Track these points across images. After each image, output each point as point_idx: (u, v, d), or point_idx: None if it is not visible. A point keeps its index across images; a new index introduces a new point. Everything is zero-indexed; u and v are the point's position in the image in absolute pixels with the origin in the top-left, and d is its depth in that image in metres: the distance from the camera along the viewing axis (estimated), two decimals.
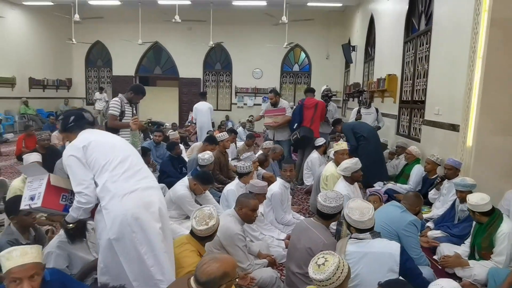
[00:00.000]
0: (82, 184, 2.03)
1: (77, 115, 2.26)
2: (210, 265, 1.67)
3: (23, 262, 1.67)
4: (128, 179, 2.11)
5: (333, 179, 4.23)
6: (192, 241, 2.34)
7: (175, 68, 14.47)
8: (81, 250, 2.51)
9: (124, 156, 2.17)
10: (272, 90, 6.38)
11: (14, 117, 11.62)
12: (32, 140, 7.11)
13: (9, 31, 11.62)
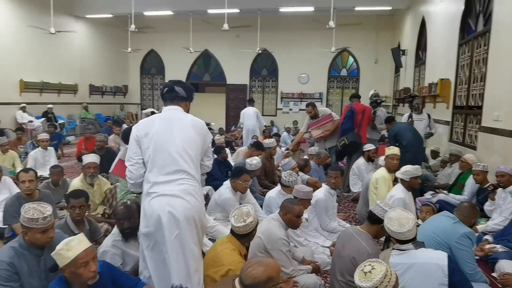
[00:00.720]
0: (130, 161, 2.25)
1: (169, 88, 2.37)
2: (255, 268, 1.70)
3: (84, 247, 1.87)
4: (165, 183, 2.17)
5: (384, 182, 4.11)
6: (232, 239, 2.41)
7: (223, 74, 14.85)
8: (133, 248, 2.64)
9: (170, 160, 2.20)
10: (309, 104, 6.33)
11: (75, 121, 12.59)
12: (91, 143, 7.64)
13: (73, 43, 12.62)
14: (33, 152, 5.84)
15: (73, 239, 1.89)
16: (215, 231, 3.50)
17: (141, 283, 2.23)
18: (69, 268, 1.84)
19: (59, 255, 1.85)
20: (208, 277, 2.34)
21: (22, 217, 2.15)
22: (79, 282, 1.91)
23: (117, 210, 2.66)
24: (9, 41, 10.31)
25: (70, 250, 1.84)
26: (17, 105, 10.58)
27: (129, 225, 2.59)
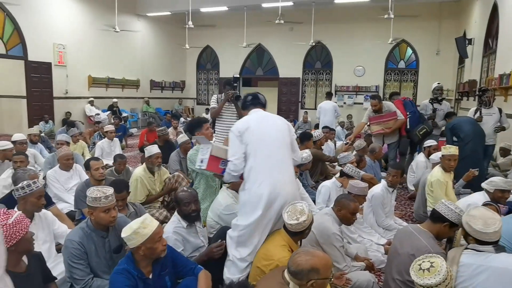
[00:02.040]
0: (234, 155, 2.48)
1: (253, 96, 2.79)
2: (301, 256, 1.70)
3: (156, 223, 2.06)
4: (267, 170, 2.43)
5: (439, 186, 3.87)
6: (284, 235, 2.36)
7: (276, 68, 14.85)
8: (191, 235, 2.76)
9: (269, 151, 2.48)
10: (375, 96, 5.95)
11: (137, 115, 13.40)
12: (153, 135, 8.07)
13: (135, 40, 13.37)
14: (100, 142, 6.32)
15: (146, 218, 2.06)
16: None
17: (198, 267, 2.32)
18: (145, 244, 2.00)
19: (137, 233, 1.98)
20: (258, 269, 2.36)
21: (88, 198, 2.37)
22: (153, 256, 2.08)
23: (182, 194, 2.75)
24: (80, 40, 11.21)
25: (147, 227, 2.00)
26: (86, 99, 11.50)
27: (196, 207, 2.72)
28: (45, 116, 10.00)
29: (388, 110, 5.76)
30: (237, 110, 4.66)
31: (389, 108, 5.78)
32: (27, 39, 9.77)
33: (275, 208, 2.42)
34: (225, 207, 3.09)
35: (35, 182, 2.79)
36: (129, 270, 2.04)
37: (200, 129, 3.40)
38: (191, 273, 2.28)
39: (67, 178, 4.30)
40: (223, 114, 4.59)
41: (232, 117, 4.65)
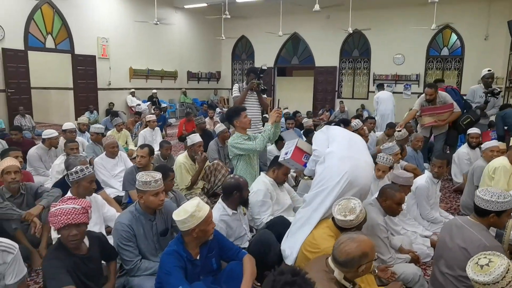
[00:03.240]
0: (316, 150, 2.68)
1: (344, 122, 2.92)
2: (348, 244, 1.68)
3: (208, 206, 2.17)
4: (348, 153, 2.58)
5: (505, 173, 3.66)
6: (332, 226, 2.35)
7: (312, 57, 14.62)
8: (235, 222, 2.84)
9: (349, 144, 2.64)
10: (432, 85, 5.51)
11: (175, 105, 13.74)
12: (191, 125, 8.26)
13: (173, 32, 13.63)
14: (143, 131, 6.56)
15: (199, 201, 2.13)
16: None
17: (242, 252, 2.39)
18: (199, 227, 2.08)
19: (192, 216, 2.05)
20: (303, 255, 2.38)
21: (138, 182, 2.46)
22: (203, 239, 2.17)
23: (234, 182, 2.82)
24: (121, 33, 11.59)
25: (201, 210, 2.09)
26: (127, 90, 11.92)
27: (248, 193, 2.84)
28: (90, 106, 10.51)
29: (443, 102, 5.39)
30: (260, 100, 4.60)
31: (445, 99, 5.40)
32: (73, 34, 10.24)
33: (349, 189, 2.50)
34: (253, 192, 3.15)
35: (88, 167, 2.95)
36: (179, 252, 2.12)
37: (238, 118, 3.43)
38: (236, 257, 2.35)
39: (113, 165, 4.51)
40: (246, 102, 4.52)
41: (254, 106, 4.57)
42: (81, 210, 2.02)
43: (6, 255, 1.97)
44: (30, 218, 2.93)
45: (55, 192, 3.23)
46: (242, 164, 3.43)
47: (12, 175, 3.06)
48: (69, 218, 1.97)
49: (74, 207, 2.01)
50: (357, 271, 1.71)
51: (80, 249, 2.11)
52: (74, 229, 1.99)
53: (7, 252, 1.97)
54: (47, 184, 4.03)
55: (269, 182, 3.25)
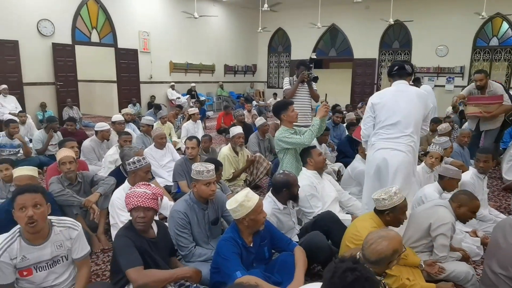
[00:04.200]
0: (364, 123, 2.95)
1: (400, 66, 2.95)
2: (380, 244, 1.72)
3: (257, 197, 2.25)
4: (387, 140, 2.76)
5: None
6: (374, 217, 2.41)
7: (350, 49, 14.34)
8: (285, 216, 2.88)
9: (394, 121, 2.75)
10: (482, 70, 5.19)
11: (212, 98, 13.97)
12: (229, 118, 8.41)
13: (211, 26, 13.80)
14: (186, 124, 6.77)
15: (248, 191, 2.24)
16: (351, 206, 3.54)
17: (293, 243, 2.45)
18: (249, 216, 2.18)
19: (242, 206, 2.15)
20: (347, 247, 2.43)
21: (192, 172, 2.61)
22: (254, 228, 2.25)
23: (283, 178, 2.80)
24: (163, 28, 11.90)
25: (250, 200, 2.18)
26: (168, 83, 12.25)
27: (298, 188, 2.85)
28: (133, 99, 10.91)
29: (493, 92, 5.07)
30: (311, 91, 4.57)
31: (495, 89, 5.08)
32: (116, 28, 10.63)
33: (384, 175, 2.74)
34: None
35: (144, 158, 3.11)
36: (235, 238, 2.23)
37: (285, 111, 3.44)
38: (286, 248, 2.42)
39: (161, 155, 4.71)
40: (296, 95, 4.52)
41: (305, 98, 4.56)
42: (151, 195, 2.15)
43: (72, 231, 2.14)
44: (89, 205, 3.14)
45: (109, 180, 3.43)
46: (289, 158, 3.46)
47: (67, 166, 3.26)
48: (139, 200, 2.11)
49: (145, 191, 2.15)
50: (387, 267, 1.78)
51: (148, 233, 2.24)
52: (142, 212, 2.12)
53: (72, 229, 2.14)
54: (100, 173, 4.26)
55: (311, 175, 3.28)
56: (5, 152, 5.00)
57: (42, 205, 1.99)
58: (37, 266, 2.05)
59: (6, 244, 1.96)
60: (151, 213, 2.18)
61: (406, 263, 2.45)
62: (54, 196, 3.04)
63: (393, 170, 2.69)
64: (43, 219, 2.00)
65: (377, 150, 2.79)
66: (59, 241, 2.10)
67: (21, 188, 2.06)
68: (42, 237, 2.04)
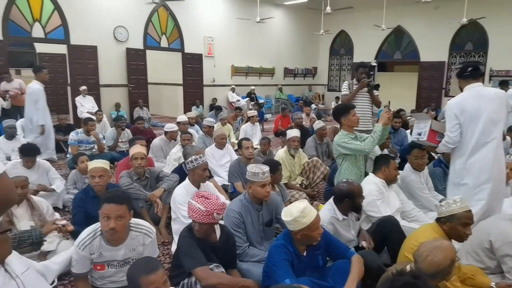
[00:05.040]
0: (450, 131, 2.84)
1: (474, 67, 2.87)
2: (436, 255, 1.64)
3: (315, 213, 2.16)
4: (479, 146, 2.76)
5: None
6: (436, 228, 2.27)
7: (416, 51, 13.60)
8: (343, 227, 2.74)
9: (484, 129, 2.73)
10: None
11: (271, 101, 14.11)
12: (286, 120, 8.45)
13: (272, 29, 13.96)
14: (244, 126, 6.94)
15: (305, 207, 2.12)
16: (413, 216, 3.36)
17: (351, 251, 2.37)
18: (302, 231, 2.11)
19: (296, 221, 2.08)
20: (406, 258, 2.32)
21: (248, 173, 2.65)
22: (307, 242, 2.21)
23: (346, 188, 2.65)
24: (226, 33, 12.30)
25: (306, 216, 2.08)
26: (228, 86, 12.63)
27: (361, 199, 2.69)
28: (196, 101, 11.42)
29: None
30: (372, 97, 4.42)
31: None
32: (184, 34, 11.19)
33: (480, 182, 2.74)
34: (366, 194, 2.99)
35: (201, 156, 3.25)
36: (287, 246, 2.20)
37: (346, 115, 3.34)
38: (344, 255, 2.34)
39: (220, 155, 4.88)
40: (356, 99, 4.39)
41: (365, 102, 4.42)
42: (205, 212, 2.16)
43: (146, 238, 2.26)
44: (154, 199, 3.37)
45: (173, 177, 3.65)
46: (347, 163, 3.35)
47: (138, 161, 3.53)
48: (194, 215, 2.19)
49: (199, 208, 2.18)
50: (445, 278, 1.70)
51: (210, 237, 2.31)
52: (197, 225, 2.22)
53: (147, 236, 2.26)
54: (165, 169, 4.54)
55: (379, 182, 3.14)
56: (82, 147, 5.53)
57: (125, 217, 2.10)
58: (109, 263, 2.23)
59: (88, 240, 2.13)
60: (206, 227, 2.23)
61: (474, 284, 2.28)
62: (123, 189, 3.31)
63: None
64: (123, 229, 2.14)
65: (471, 157, 2.79)
66: (134, 245, 2.25)
67: (109, 196, 2.11)
68: (119, 240, 2.20)
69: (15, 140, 5.19)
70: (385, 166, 3.17)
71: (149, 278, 1.67)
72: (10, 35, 8.04)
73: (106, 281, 2.28)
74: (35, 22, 8.36)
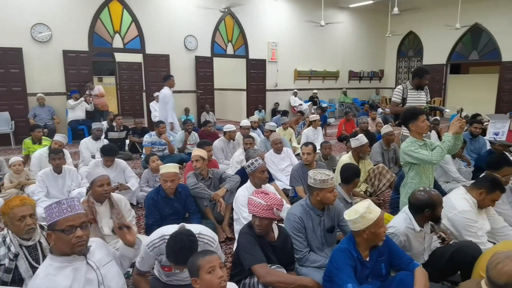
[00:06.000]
0: None
1: None
2: (508, 264, 1.53)
3: (379, 209, 2.16)
4: None
5: None
6: None
7: (497, 51, 12.44)
8: (418, 240, 2.56)
9: None
10: None
11: (335, 105, 13.87)
12: (350, 125, 8.26)
13: (337, 32, 13.76)
14: (306, 130, 6.94)
15: (370, 203, 2.15)
16: (504, 235, 3.01)
17: (414, 263, 2.27)
18: (369, 229, 2.09)
19: (363, 217, 2.08)
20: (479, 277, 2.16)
21: (314, 181, 2.61)
22: (373, 242, 2.17)
23: (427, 198, 2.46)
24: (288, 37, 12.39)
25: (372, 212, 2.10)
26: (291, 91, 12.69)
27: (441, 209, 2.50)
28: (259, 106, 11.66)
29: None
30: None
31: None
32: (248, 40, 11.51)
33: None
34: (460, 212, 2.77)
35: (257, 160, 3.34)
36: (350, 251, 2.17)
37: (415, 121, 3.10)
38: (406, 267, 2.26)
39: (279, 160, 4.94)
40: (412, 102, 4.18)
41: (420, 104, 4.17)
42: (266, 206, 2.25)
43: (207, 247, 2.28)
44: (217, 198, 3.54)
45: (235, 178, 3.80)
46: (414, 174, 3.12)
47: (194, 163, 3.74)
48: (255, 210, 2.27)
49: (260, 202, 2.27)
50: None
51: (268, 236, 2.37)
52: (257, 220, 2.28)
53: (209, 245, 2.31)
54: (228, 171, 4.73)
55: (471, 201, 2.84)
56: (154, 149, 5.95)
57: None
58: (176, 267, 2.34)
59: (158, 243, 2.24)
60: (267, 222, 2.29)
61: None
62: (190, 188, 3.52)
63: None
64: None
65: None
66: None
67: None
68: None
69: (100, 141, 5.76)
70: (488, 191, 2.79)
71: (206, 259, 1.79)
72: (94, 46, 8.93)
73: (173, 278, 2.42)
74: (116, 34, 9.20)
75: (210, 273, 1.75)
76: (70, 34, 8.46)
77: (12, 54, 7.82)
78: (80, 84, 8.56)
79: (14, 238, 2.22)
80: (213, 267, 1.76)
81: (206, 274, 1.75)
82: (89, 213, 2.87)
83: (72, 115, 8.16)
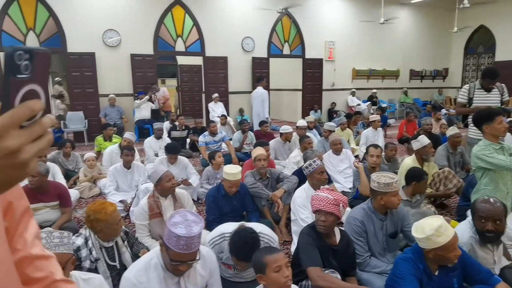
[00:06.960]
0: None
1: None
2: None
3: (452, 232, 1.96)
4: None
5: None
6: None
7: None
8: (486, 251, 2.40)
9: None
10: None
11: (395, 105, 13.29)
12: (412, 126, 7.88)
13: (397, 30, 13.16)
14: (366, 131, 6.71)
15: (441, 225, 1.93)
16: None
17: (495, 278, 2.11)
18: (435, 251, 1.95)
19: (429, 239, 1.93)
20: None
21: (379, 185, 2.54)
22: (441, 263, 2.04)
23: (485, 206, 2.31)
24: (346, 36, 12.10)
25: (440, 236, 1.91)
26: (348, 90, 12.38)
27: (494, 228, 2.25)
28: (314, 106, 11.52)
29: None
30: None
31: None
32: (305, 40, 11.42)
33: None
34: None
35: (315, 161, 3.31)
36: (416, 262, 2.05)
37: (490, 122, 2.87)
38: (486, 281, 2.09)
39: (338, 161, 4.85)
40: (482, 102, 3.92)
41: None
42: (333, 201, 2.25)
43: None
44: (275, 199, 3.57)
45: (293, 179, 3.81)
46: (488, 179, 2.88)
47: (261, 162, 3.81)
48: (321, 204, 2.27)
49: (327, 196, 2.28)
50: None
51: (330, 239, 2.35)
52: (323, 216, 2.26)
53: (269, 245, 2.35)
54: (284, 171, 4.73)
55: None
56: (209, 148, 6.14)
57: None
58: (235, 266, 2.43)
59: (218, 240, 2.33)
60: (332, 218, 2.25)
61: None
62: (248, 187, 3.59)
63: None
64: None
65: None
66: None
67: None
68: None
69: (161, 140, 6.08)
70: None
71: (273, 257, 1.79)
72: (159, 49, 9.43)
73: (232, 274, 2.49)
74: (178, 38, 9.63)
75: (277, 271, 1.76)
76: (137, 39, 9.03)
77: (86, 58, 8.53)
78: (146, 85, 9.10)
79: (96, 241, 2.39)
80: (279, 266, 1.77)
81: (273, 273, 1.76)
82: (155, 207, 3.05)
83: (139, 115, 8.69)
